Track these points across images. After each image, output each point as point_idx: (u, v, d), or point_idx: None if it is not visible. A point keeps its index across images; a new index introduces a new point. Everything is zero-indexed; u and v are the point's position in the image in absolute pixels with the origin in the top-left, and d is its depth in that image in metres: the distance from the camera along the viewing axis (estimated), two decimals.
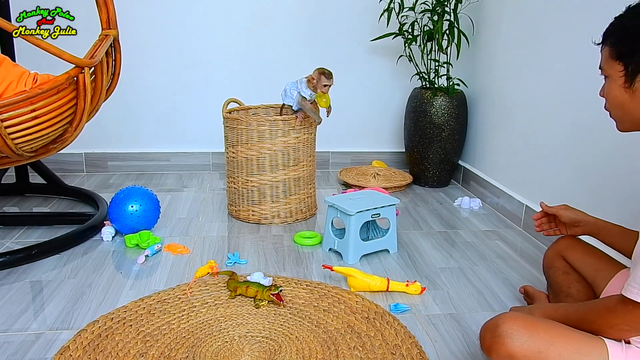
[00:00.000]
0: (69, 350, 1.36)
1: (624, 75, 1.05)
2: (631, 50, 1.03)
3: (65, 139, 1.91)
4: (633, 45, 1.03)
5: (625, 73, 1.05)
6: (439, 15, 2.72)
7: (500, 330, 1.08)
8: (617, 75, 1.06)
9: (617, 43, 1.06)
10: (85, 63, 1.77)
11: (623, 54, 1.05)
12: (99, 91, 1.93)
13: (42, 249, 1.92)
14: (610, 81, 1.09)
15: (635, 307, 1.00)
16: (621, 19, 1.08)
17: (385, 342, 1.43)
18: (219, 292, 1.69)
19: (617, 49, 1.06)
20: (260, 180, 2.28)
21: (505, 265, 1.96)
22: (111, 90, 2.15)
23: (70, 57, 1.71)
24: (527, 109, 2.35)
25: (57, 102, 1.76)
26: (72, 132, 1.89)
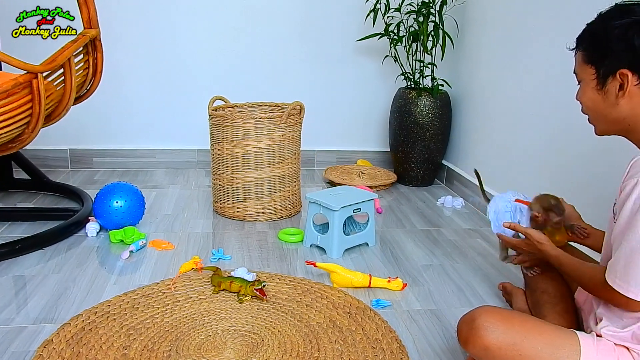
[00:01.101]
0: (52, 343, 1.37)
1: (595, 78, 1.10)
2: (602, 55, 1.08)
3: (23, 139, 1.88)
4: (603, 50, 1.08)
5: (597, 76, 1.10)
6: (424, 16, 2.75)
7: (477, 323, 1.11)
8: (590, 78, 1.11)
9: (589, 48, 1.11)
10: (37, 69, 1.74)
11: (594, 58, 1.10)
12: (68, 92, 1.91)
13: (25, 244, 1.92)
14: (584, 85, 1.14)
15: (614, 291, 1.05)
16: (591, 25, 1.13)
17: (366, 337, 1.45)
18: (203, 287, 1.70)
19: (588, 54, 1.11)
20: (246, 177, 2.29)
21: (485, 262, 2.00)
22: (92, 89, 2.14)
23: (19, 64, 1.68)
24: (509, 110, 2.39)
25: (9, 106, 1.72)
26: (30, 133, 1.85)
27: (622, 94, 1.07)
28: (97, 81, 2.13)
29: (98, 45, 2.05)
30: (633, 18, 1.04)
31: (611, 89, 1.08)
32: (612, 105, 1.09)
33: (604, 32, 1.07)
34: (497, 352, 1.09)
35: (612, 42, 1.06)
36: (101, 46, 2.07)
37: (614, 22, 1.06)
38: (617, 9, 1.09)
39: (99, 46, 2.06)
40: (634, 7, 1.06)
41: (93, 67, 2.09)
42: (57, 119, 2.00)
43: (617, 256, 1.04)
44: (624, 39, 1.04)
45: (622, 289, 1.03)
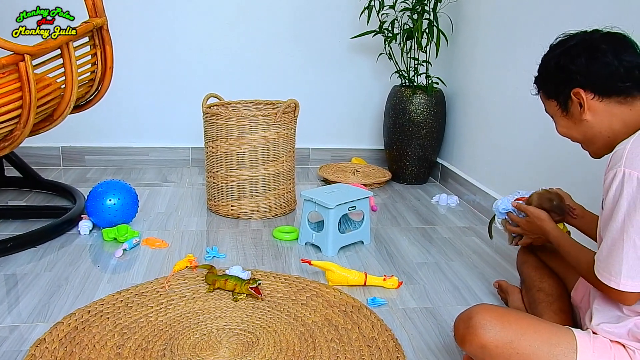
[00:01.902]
0: (45, 342, 1.36)
1: (559, 108, 1.19)
2: (553, 87, 1.19)
3: (14, 137, 1.76)
4: (552, 83, 1.19)
5: (559, 106, 1.19)
6: (419, 14, 2.75)
7: (473, 321, 1.11)
8: (556, 110, 1.20)
9: (542, 86, 1.23)
10: (24, 49, 1.61)
11: (550, 92, 1.21)
12: (70, 86, 1.82)
13: (17, 242, 1.90)
14: (556, 118, 1.22)
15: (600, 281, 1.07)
16: (539, 68, 1.24)
17: (362, 335, 1.45)
18: (198, 285, 1.69)
19: (545, 91, 1.23)
20: (240, 175, 2.28)
21: (480, 260, 2.00)
22: (105, 85, 2.04)
23: (4, 43, 1.56)
24: (503, 108, 2.39)
25: None
26: (22, 129, 1.73)
27: (583, 111, 1.13)
28: (109, 76, 2.02)
29: (106, 36, 1.94)
30: (561, 49, 1.17)
31: (574, 111, 1.16)
32: (581, 124, 1.16)
33: (546, 68, 1.21)
34: (494, 351, 1.08)
35: (555, 74, 1.17)
36: (109, 37, 1.95)
37: (550, 57, 1.20)
38: (551, 46, 1.22)
39: (107, 37, 1.95)
40: (563, 40, 1.19)
41: (102, 60, 1.99)
42: (60, 118, 1.91)
43: (602, 247, 1.07)
44: (560, 68, 1.16)
45: (604, 279, 1.05)
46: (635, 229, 1.00)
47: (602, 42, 1.13)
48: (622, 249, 1.02)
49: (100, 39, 1.96)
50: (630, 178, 1.00)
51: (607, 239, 1.05)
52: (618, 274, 1.02)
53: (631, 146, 1.04)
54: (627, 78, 1.09)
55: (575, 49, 1.14)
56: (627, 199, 1.01)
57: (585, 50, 1.13)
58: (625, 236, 1.01)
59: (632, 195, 1.00)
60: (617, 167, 1.03)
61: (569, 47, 1.16)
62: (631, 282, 1.02)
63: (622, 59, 1.10)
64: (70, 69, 1.82)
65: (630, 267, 1.01)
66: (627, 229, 1.01)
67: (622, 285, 1.02)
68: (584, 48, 1.13)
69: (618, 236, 1.02)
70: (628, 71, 1.09)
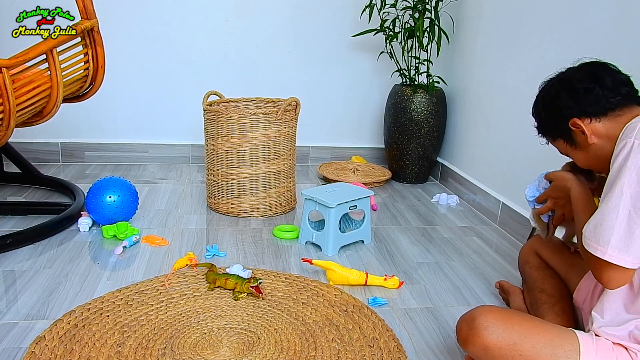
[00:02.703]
0: (45, 340, 1.35)
1: (567, 144, 1.24)
2: (554, 127, 1.25)
3: None
4: (548, 126, 1.28)
5: (567, 142, 1.24)
6: (420, 12, 2.74)
7: (476, 323, 1.11)
8: (566, 147, 1.25)
9: (544, 132, 1.30)
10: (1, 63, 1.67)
11: (554, 133, 1.27)
12: (55, 87, 1.85)
13: (16, 239, 1.89)
14: (571, 155, 1.26)
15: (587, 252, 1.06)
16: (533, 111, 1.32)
17: (363, 335, 1.44)
18: (198, 284, 1.68)
19: (548, 136, 1.30)
20: (240, 173, 2.27)
21: (481, 260, 1.99)
22: (97, 84, 2.07)
23: None
24: (504, 108, 2.39)
25: None
26: (4, 131, 1.78)
27: (587, 137, 1.16)
28: (101, 76, 2.06)
29: (97, 37, 1.98)
30: (542, 93, 1.27)
31: (580, 140, 1.19)
32: (591, 149, 1.18)
33: (539, 115, 1.30)
34: (497, 352, 1.08)
35: (548, 117, 1.26)
36: (100, 39, 1.99)
37: (538, 108, 1.29)
38: (534, 100, 1.31)
39: (98, 39, 1.98)
40: (540, 88, 1.29)
41: (94, 61, 2.01)
42: (49, 116, 1.93)
43: (594, 216, 1.05)
44: (549, 109, 1.25)
45: (591, 248, 1.03)
46: (634, 200, 0.99)
47: (575, 73, 1.21)
48: (615, 218, 1.00)
49: (92, 40, 1.99)
50: (637, 148, 0.99)
51: (601, 208, 1.03)
52: (606, 244, 1.00)
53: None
54: (615, 93, 1.14)
55: (554, 88, 1.23)
56: (631, 168, 0.99)
57: (562, 86, 1.21)
58: (621, 206, 0.99)
59: (637, 165, 0.99)
60: (627, 139, 1.02)
61: (548, 88, 1.26)
62: (617, 253, 0.99)
63: (601, 79, 1.16)
64: (55, 74, 1.83)
65: (620, 238, 0.99)
66: (624, 199, 0.99)
67: (607, 255, 1.00)
68: (561, 83, 1.22)
69: (614, 205, 1.00)
70: (613, 88, 1.14)
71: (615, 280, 1.04)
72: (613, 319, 1.10)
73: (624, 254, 0.99)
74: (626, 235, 0.99)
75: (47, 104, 1.91)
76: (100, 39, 2.00)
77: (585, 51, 1.82)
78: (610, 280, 1.04)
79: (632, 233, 0.99)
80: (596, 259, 1.03)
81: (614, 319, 1.10)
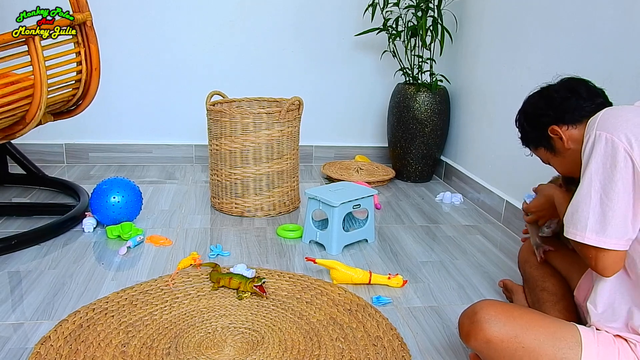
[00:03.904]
0: (50, 340, 1.35)
1: (547, 151, 1.32)
2: (534, 135, 1.34)
3: None
4: (531, 131, 1.34)
5: (547, 149, 1.31)
6: (423, 11, 2.74)
7: (478, 316, 1.11)
8: (547, 154, 1.33)
9: (527, 141, 1.38)
10: None
11: (535, 142, 1.35)
12: (38, 86, 1.69)
13: (21, 240, 1.90)
14: (552, 162, 1.33)
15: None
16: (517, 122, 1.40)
17: (367, 334, 1.44)
18: (202, 283, 1.69)
19: (530, 144, 1.37)
20: (244, 173, 2.28)
21: (485, 259, 1.99)
22: (93, 88, 1.93)
23: None
24: (508, 106, 2.38)
25: None
26: None
27: (565, 142, 1.24)
28: (96, 81, 1.89)
29: (90, 33, 1.81)
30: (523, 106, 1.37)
31: (558, 146, 1.27)
32: (568, 154, 1.25)
33: (520, 125, 1.39)
34: (499, 345, 1.09)
35: (529, 128, 1.35)
36: (94, 35, 1.82)
37: (520, 119, 1.38)
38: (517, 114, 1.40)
39: (92, 35, 1.81)
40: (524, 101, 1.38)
41: (87, 61, 1.86)
42: (33, 122, 1.77)
43: (570, 204, 1.10)
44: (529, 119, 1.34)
45: (570, 235, 1.08)
46: (602, 185, 1.03)
47: (553, 86, 1.31)
48: (589, 203, 1.05)
49: (85, 36, 1.83)
50: (599, 138, 1.04)
51: (576, 196, 1.08)
52: (584, 228, 1.05)
53: (603, 113, 1.09)
54: (590, 102, 1.23)
55: (534, 99, 1.34)
56: (596, 157, 1.04)
57: (542, 97, 1.31)
58: (592, 192, 1.04)
59: (601, 153, 1.04)
60: (590, 131, 1.07)
61: (529, 100, 1.35)
62: (595, 236, 1.04)
63: (576, 90, 1.25)
64: (38, 68, 1.68)
65: (595, 221, 1.04)
66: (594, 185, 1.04)
67: (587, 238, 1.05)
68: (540, 96, 1.32)
69: (586, 192, 1.05)
70: (587, 98, 1.24)
71: (609, 267, 1.06)
72: (606, 310, 1.11)
73: (602, 235, 1.04)
74: (600, 218, 1.04)
75: (30, 108, 1.76)
76: (94, 35, 1.84)
77: (589, 49, 1.82)
78: (606, 268, 1.07)
79: (606, 215, 1.03)
80: (582, 246, 1.07)
81: (607, 310, 1.11)
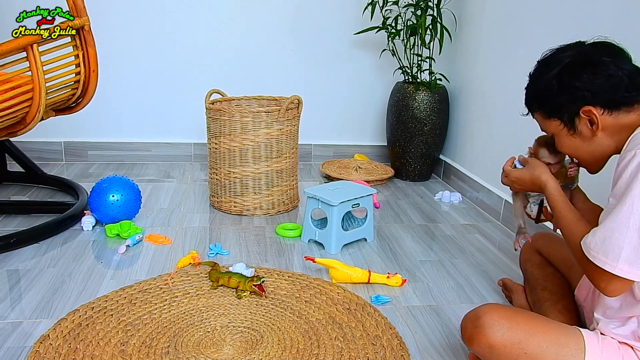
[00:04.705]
0: (49, 339, 1.35)
1: (564, 127, 1.15)
2: (556, 106, 1.14)
3: None
4: (554, 104, 1.15)
5: (564, 124, 1.15)
6: (423, 10, 2.74)
7: (481, 321, 1.10)
8: (559, 129, 1.16)
9: (542, 107, 1.19)
10: None
11: (552, 112, 1.16)
12: (37, 90, 1.75)
13: (20, 238, 1.90)
14: (558, 136, 1.18)
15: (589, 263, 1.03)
16: (530, 87, 1.22)
17: (366, 333, 1.44)
18: (201, 282, 1.69)
19: (544, 112, 1.18)
20: (243, 171, 2.27)
21: (484, 258, 1.99)
22: (90, 90, 1.98)
23: None
24: (506, 105, 2.38)
25: None
26: None
27: (596, 128, 1.10)
28: (94, 82, 1.94)
29: (88, 37, 1.86)
30: (558, 66, 1.12)
31: (583, 129, 1.12)
32: (591, 141, 1.12)
33: (545, 89, 1.15)
34: (502, 350, 1.08)
35: (558, 95, 1.12)
36: (92, 39, 1.87)
37: (547, 77, 1.14)
38: (542, 63, 1.18)
39: (90, 39, 1.86)
40: (556, 55, 1.16)
41: (85, 64, 1.91)
42: (33, 122, 1.82)
43: (599, 229, 1.01)
44: (564, 86, 1.11)
45: (599, 262, 1.00)
46: None
47: (599, 54, 1.10)
48: (625, 232, 0.97)
49: (83, 40, 1.88)
50: None
51: (609, 221, 0.99)
52: (616, 258, 0.97)
53: None
54: (632, 87, 1.07)
55: (575, 64, 1.11)
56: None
57: (585, 65, 1.09)
58: (632, 220, 0.96)
59: None
60: (637, 149, 0.97)
61: (568, 63, 1.12)
62: (628, 267, 0.97)
63: (623, 68, 1.08)
64: (36, 74, 1.74)
65: (630, 253, 0.97)
66: (635, 212, 0.96)
67: (618, 269, 0.98)
68: (584, 62, 1.10)
69: (624, 219, 0.97)
70: (630, 79, 1.07)
71: (618, 290, 1.03)
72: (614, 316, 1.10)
73: (635, 267, 0.97)
74: (636, 250, 0.97)
75: (30, 110, 1.80)
76: (92, 39, 1.88)
77: None
78: (614, 291, 1.03)
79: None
80: (601, 270, 1.01)
81: (615, 315, 1.10)
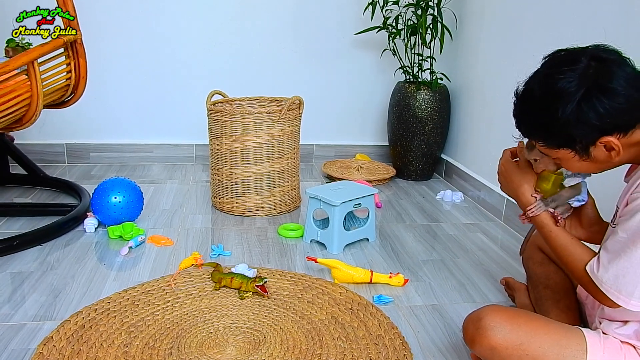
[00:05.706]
0: (52, 341, 1.36)
1: (575, 154, 1.04)
2: (569, 140, 1.02)
3: None
4: (567, 137, 1.02)
5: (576, 152, 1.04)
6: (423, 9, 2.74)
7: (483, 322, 1.10)
8: (569, 156, 1.06)
9: (549, 140, 1.06)
10: None
11: (562, 143, 1.04)
12: (35, 97, 1.89)
13: (23, 240, 1.90)
14: (565, 161, 1.09)
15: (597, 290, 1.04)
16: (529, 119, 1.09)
17: (368, 333, 1.45)
18: (204, 283, 1.69)
19: (552, 143, 1.06)
20: (245, 172, 2.28)
21: (486, 257, 1.99)
22: (78, 94, 2.13)
23: None
24: (508, 104, 2.36)
25: None
26: None
27: (615, 154, 1.01)
28: (82, 86, 2.12)
29: (79, 49, 2.02)
30: (574, 98, 0.97)
31: (599, 154, 1.03)
32: (607, 163, 1.05)
33: (557, 123, 1.00)
34: (503, 352, 1.08)
35: (574, 129, 0.99)
36: (83, 50, 2.05)
37: (560, 111, 0.98)
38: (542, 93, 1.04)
39: (81, 51, 2.03)
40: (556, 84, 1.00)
41: (76, 72, 2.06)
42: (28, 123, 1.98)
43: (612, 265, 1.01)
44: (581, 121, 0.98)
45: (612, 296, 1.01)
46: None
47: (608, 74, 0.97)
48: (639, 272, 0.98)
49: (75, 52, 2.03)
50: None
51: (623, 260, 0.99)
52: (630, 295, 0.99)
53: None
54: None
55: (587, 95, 0.96)
56: None
57: (599, 93, 0.96)
58: None
59: None
60: None
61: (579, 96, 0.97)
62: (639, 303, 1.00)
63: (633, 84, 0.97)
64: (36, 85, 1.87)
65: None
66: None
67: (631, 305, 1.00)
68: (596, 90, 0.96)
69: (638, 260, 0.97)
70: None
71: (620, 310, 1.05)
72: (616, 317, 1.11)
73: None
74: None
75: (27, 112, 1.95)
76: (84, 50, 2.05)
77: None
78: (617, 310, 1.05)
79: None
80: (604, 296, 1.02)
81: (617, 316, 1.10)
